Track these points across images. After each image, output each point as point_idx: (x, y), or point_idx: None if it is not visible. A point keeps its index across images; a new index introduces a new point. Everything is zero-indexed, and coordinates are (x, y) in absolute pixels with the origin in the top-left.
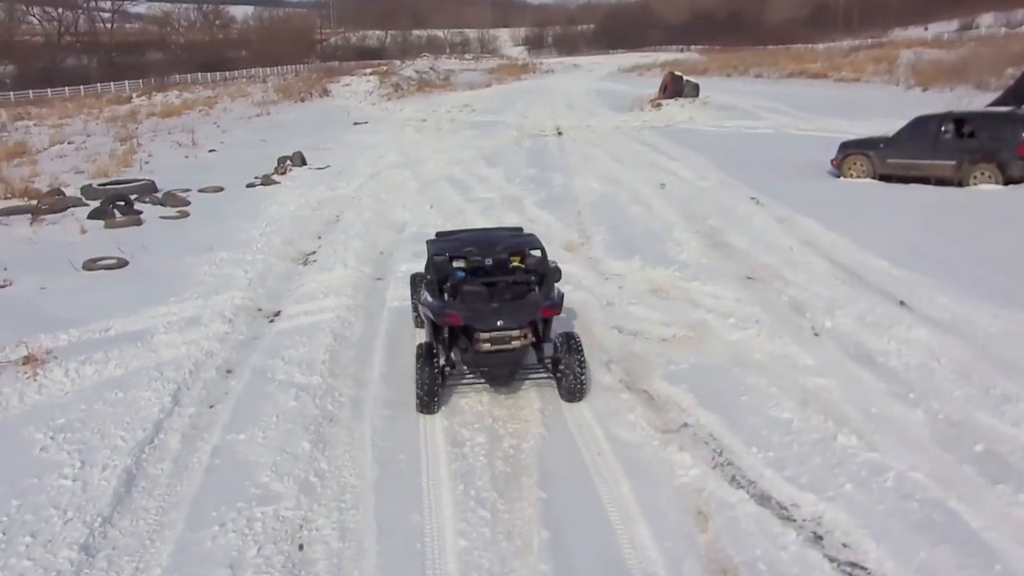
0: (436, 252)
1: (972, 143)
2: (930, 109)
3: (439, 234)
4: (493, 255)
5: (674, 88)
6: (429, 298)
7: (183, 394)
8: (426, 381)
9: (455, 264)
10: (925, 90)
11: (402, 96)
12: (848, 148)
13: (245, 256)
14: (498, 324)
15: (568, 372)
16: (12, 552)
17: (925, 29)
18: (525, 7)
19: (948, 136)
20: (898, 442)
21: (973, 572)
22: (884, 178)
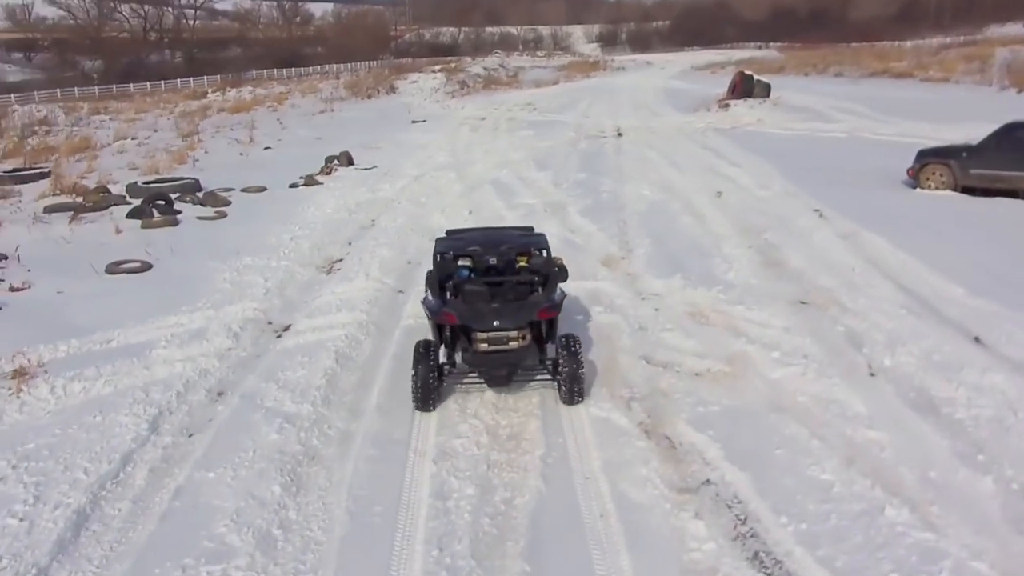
0: (441, 250)
1: None
2: None
3: (449, 232)
4: (498, 254)
5: (743, 88)
6: (430, 296)
7: (163, 420)
8: (421, 379)
9: (461, 263)
10: (1021, 91)
11: (467, 93)
12: (926, 156)
13: (270, 262)
14: (495, 324)
15: (566, 375)
16: None
17: None
18: (600, 4)
19: None
20: (960, 519)
21: None
22: (967, 191)
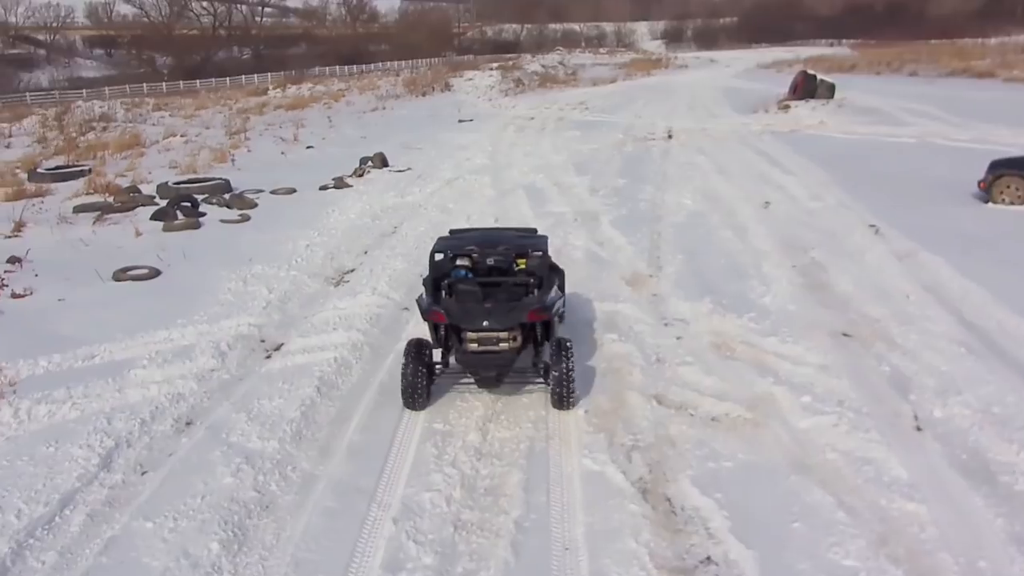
0: (438, 249)
1: None
2: None
3: (452, 231)
4: (495, 255)
5: (805, 88)
6: (424, 294)
7: (119, 453)
8: (410, 378)
9: (459, 262)
10: None
11: (521, 92)
12: (1001, 167)
13: (279, 272)
14: (483, 325)
15: (554, 379)
16: None
17: None
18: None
19: None
20: None
21: None
22: None
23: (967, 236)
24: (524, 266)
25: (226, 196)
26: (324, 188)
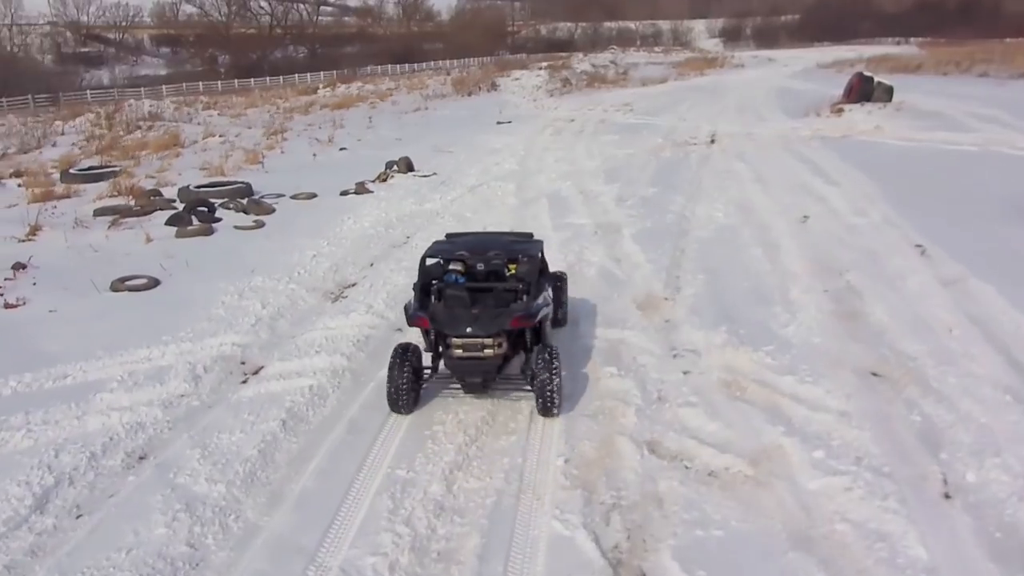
0: (430, 254)
1: None
2: None
3: (448, 235)
4: (485, 260)
5: (861, 90)
6: (412, 299)
7: (58, 493)
8: (394, 383)
9: (452, 267)
10: None
11: (567, 92)
12: None
13: (277, 285)
14: (467, 331)
15: (538, 387)
16: None
17: None
18: None
19: None
20: None
21: None
22: None
23: None
24: (515, 271)
25: (244, 201)
26: (344, 193)
